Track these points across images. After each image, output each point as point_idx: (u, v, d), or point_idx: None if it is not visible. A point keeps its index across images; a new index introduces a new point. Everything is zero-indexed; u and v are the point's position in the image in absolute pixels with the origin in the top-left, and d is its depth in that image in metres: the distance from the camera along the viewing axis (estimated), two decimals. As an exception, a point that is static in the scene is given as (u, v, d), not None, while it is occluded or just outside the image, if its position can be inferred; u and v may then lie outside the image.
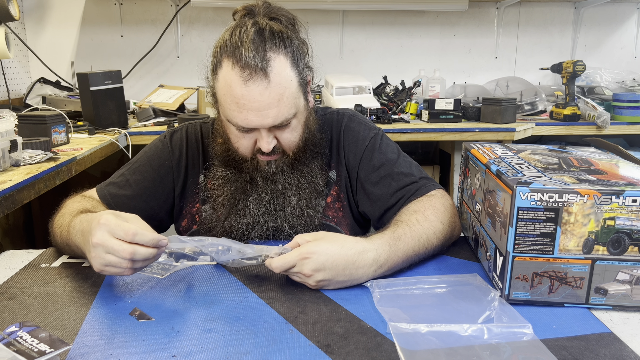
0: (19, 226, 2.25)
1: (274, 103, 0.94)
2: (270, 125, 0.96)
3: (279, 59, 0.94)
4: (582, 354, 0.67)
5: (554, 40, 3.14)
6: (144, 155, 1.15)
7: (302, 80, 1.01)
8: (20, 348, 0.59)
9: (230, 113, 0.96)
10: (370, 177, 1.11)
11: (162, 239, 0.79)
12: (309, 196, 1.08)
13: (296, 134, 1.03)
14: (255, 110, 0.94)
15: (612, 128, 2.44)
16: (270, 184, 1.06)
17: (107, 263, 0.78)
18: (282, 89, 0.94)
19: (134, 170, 1.13)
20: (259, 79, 0.92)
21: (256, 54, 0.92)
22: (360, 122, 1.16)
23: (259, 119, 0.95)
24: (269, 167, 1.05)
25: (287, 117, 0.97)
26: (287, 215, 1.07)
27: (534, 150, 1.00)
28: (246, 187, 1.07)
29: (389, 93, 2.63)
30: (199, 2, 2.72)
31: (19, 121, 1.71)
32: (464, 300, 0.80)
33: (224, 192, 1.08)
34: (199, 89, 2.50)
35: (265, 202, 1.06)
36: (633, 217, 0.74)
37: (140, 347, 0.68)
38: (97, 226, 0.78)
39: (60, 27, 2.87)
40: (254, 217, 1.07)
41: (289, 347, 0.68)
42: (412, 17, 3.04)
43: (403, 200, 1.07)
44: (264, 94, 0.93)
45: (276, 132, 1.00)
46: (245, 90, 0.92)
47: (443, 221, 0.99)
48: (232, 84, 0.93)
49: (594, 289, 0.78)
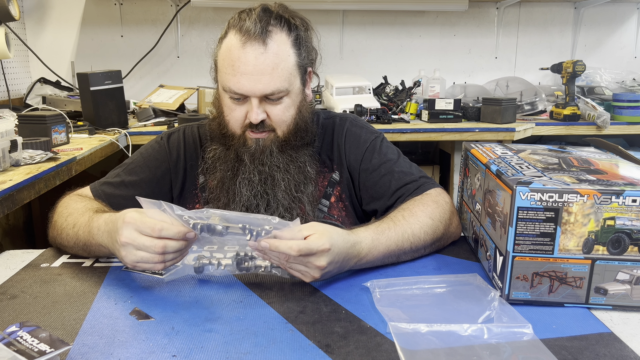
0: (19, 226, 2.25)
1: (268, 70, 0.97)
2: (261, 92, 0.98)
3: (280, 35, 0.99)
4: (582, 354, 0.67)
5: (554, 40, 3.14)
6: (140, 156, 1.14)
7: (302, 65, 1.04)
8: (20, 348, 0.59)
9: (225, 77, 1.00)
10: (371, 177, 1.12)
11: (188, 232, 0.79)
12: (297, 181, 1.08)
13: (288, 114, 1.04)
14: (248, 74, 0.97)
15: (612, 128, 2.44)
16: (258, 164, 1.06)
17: (139, 259, 0.79)
18: (278, 59, 0.98)
19: (130, 171, 1.12)
20: (257, 44, 0.97)
21: (259, 23, 0.97)
22: (362, 126, 1.18)
23: (251, 84, 0.97)
24: (257, 144, 1.05)
25: (279, 88, 0.99)
26: (280, 198, 1.07)
27: (534, 150, 1.00)
28: (234, 166, 1.07)
29: (389, 93, 2.63)
30: (199, 2, 2.72)
31: (19, 121, 1.71)
32: (464, 300, 0.80)
33: (215, 172, 1.09)
34: (199, 89, 2.50)
35: (254, 184, 1.06)
36: (633, 217, 0.74)
37: (140, 347, 0.68)
38: (123, 225, 0.79)
39: (61, 27, 2.87)
40: (247, 201, 1.06)
41: (289, 347, 0.68)
42: (412, 17, 3.04)
43: (402, 199, 1.08)
44: (259, 59, 0.96)
45: (267, 106, 1.02)
46: (242, 52, 0.97)
47: (432, 217, 0.99)
48: (231, 48, 0.98)
49: (594, 288, 0.78)
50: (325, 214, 1.14)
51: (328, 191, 1.14)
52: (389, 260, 0.94)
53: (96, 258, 0.98)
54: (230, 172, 1.07)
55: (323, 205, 1.14)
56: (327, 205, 1.14)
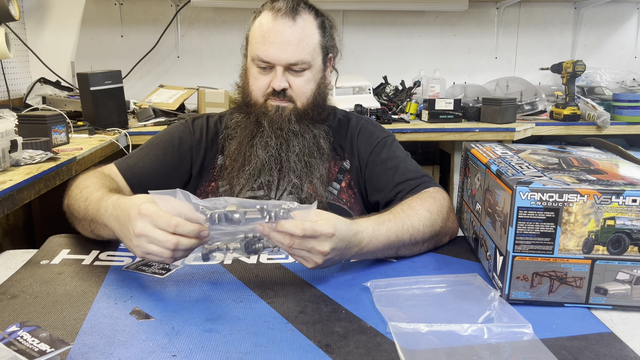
0: (19, 226, 2.25)
1: (294, 41, 1.08)
2: (286, 61, 1.09)
3: (308, 16, 1.12)
4: (582, 354, 0.67)
5: (554, 40, 3.14)
6: (165, 133, 1.23)
7: (324, 47, 1.15)
8: (20, 348, 0.59)
9: (254, 47, 1.11)
10: (377, 169, 1.18)
11: (202, 230, 0.80)
12: (310, 149, 1.15)
13: (308, 87, 1.13)
14: (276, 43, 1.08)
15: (612, 128, 2.44)
16: (276, 129, 1.14)
17: (150, 252, 0.80)
18: (304, 33, 1.10)
19: (154, 145, 1.21)
20: (287, 18, 1.08)
21: (290, 3, 1.09)
22: (376, 125, 1.27)
23: (277, 52, 1.08)
24: (277, 111, 1.13)
25: (302, 59, 1.10)
26: (292, 163, 1.14)
27: (534, 150, 1.00)
28: (253, 130, 1.15)
29: (389, 93, 2.63)
30: (199, 2, 2.72)
31: (19, 121, 1.71)
32: (464, 300, 0.80)
33: (235, 139, 1.18)
34: (199, 89, 2.50)
35: (270, 147, 1.14)
36: (633, 216, 0.74)
37: (140, 346, 0.68)
38: (138, 217, 0.79)
39: (61, 27, 2.87)
40: (261, 160, 1.14)
41: (289, 347, 0.68)
42: (412, 17, 3.04)
43: (402, 194, 1.12)
44: (287, 31, 1.08)
45: (290, 76, 1.11)
46: (273, 24, 1.08)
47: (430, 210, 1.01)
48: (263, 21, 1.11)
49: (594, 288, 0.78)
50: (334, 196, 1.19)
51: (339, 177, 1.21)
52: (388, 253, 0.95)
53: (99, 239, 0.99)
54: (249, 136, 1.15)
55: (333, 188, 1.20)
56: (338, 188, 1.20)
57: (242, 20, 2.95)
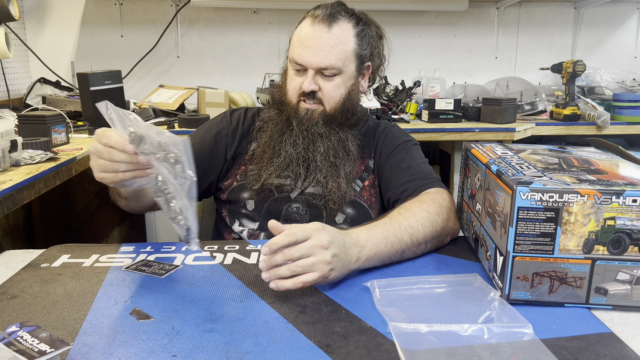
0: (19, 226, 2.25)
1: (327, 47, 1.14)
2: (317, 65, 1.14)
3: (346, 24, 1.17)
4: (582, 354, 0.67)
5: (554, 40, 3.14)
6: (206, 124, 1.34)
7: (360, 55, 1.20)
8: (20, 348, 0.59)
9: (292, 50, 1.18)
10: (392, 167, 1.23)
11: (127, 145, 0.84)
12: (336, 150, 1.21)
13: (337, 92, 1.19)
14: (310, 48, 1.14)
15: (612, 128, 2.43)
16: (303, 130, 1.20)
17: (99, 167, 0.88)
18: (338, 41, 1.15)
19: (193, 136, 1.30)
20: (324, 25, 1.15)
21: (330, 9, 1.16)
22: (402, 130, 1.34)
23: (309, 56, 1.14)
24: (306, 113, 1.20)
25: (332, 65, 1.15)
26: (318, 162, 1.20)
27: (534, 150, 1.00)
28: (283, 127, 1.22)
29: (389, 93, 2.63)
30: (199, 2, 2.71)
31: (19, 121, 1.71)
32: (464, 300, 0.80)
33: (267, 131, 1.25)
34: (199, 89, 2.50)
35: (297, 146, 1.21)
36: (633, 217, 0.74)
37: (140, 347, 0.68)
38: (94, 138, 0.89)
39: (60, 27, 2.87)
40: (289, 156, 1.20)
41: (289, 347, 0.68)
42: (412, 17, 3.04)
43: (407, 193, 1.14)
44: (322, 37, 1.14)
45: (320, 80, 1.17)
46: (310, 30, 1.15)
47: (428, 210, 1.02)
48: (303, 26, 1.18)
49: (594, 288, 0.78)
50: (356, 192, 1.23)
51: (363, 175, 1.26)
52: (394, 256, 0.94)
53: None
54: (279, 132, 1.22)
55: (357, 185, 1.24)
56: (360, 186, 1.25)
57: (242, 20, 2.96)
